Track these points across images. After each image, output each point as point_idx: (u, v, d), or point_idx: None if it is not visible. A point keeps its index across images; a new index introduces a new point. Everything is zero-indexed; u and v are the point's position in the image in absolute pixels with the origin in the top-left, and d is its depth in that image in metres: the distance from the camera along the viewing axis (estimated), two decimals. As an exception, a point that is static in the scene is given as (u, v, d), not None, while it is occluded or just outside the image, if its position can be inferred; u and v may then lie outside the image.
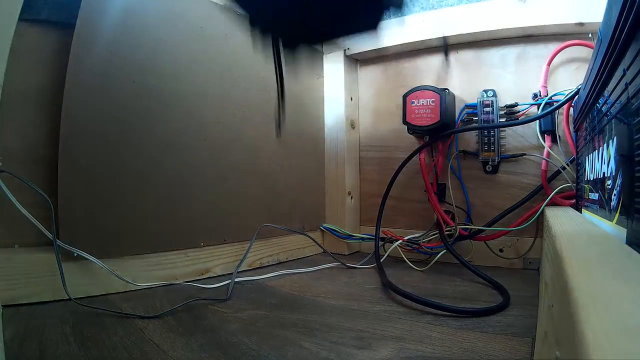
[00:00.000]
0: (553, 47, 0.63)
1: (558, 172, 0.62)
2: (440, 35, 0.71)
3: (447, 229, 0.68)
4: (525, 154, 0.66)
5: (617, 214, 0.27)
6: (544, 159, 0.63)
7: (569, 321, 0.13)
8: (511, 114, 0.66)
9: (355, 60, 0.85)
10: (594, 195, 0.38)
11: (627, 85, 0.23)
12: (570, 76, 0.62)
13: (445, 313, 0.43)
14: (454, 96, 0.71)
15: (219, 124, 0.61)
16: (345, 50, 0.82)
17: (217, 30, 0.61)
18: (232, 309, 0.45)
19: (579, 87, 0.54)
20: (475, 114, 0.69)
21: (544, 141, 0.63)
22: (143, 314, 0.42)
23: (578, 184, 0.54)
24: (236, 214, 0.63)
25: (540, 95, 0.64)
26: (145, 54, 0.53)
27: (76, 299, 0.46)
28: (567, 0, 0.59)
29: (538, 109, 0.64)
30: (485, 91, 0.68)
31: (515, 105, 0.66)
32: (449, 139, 0.71)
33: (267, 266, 0.64)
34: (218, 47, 0.61)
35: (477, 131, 0.69)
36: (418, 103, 0.68)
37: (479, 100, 0.68)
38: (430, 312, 0.44)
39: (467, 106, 0.70)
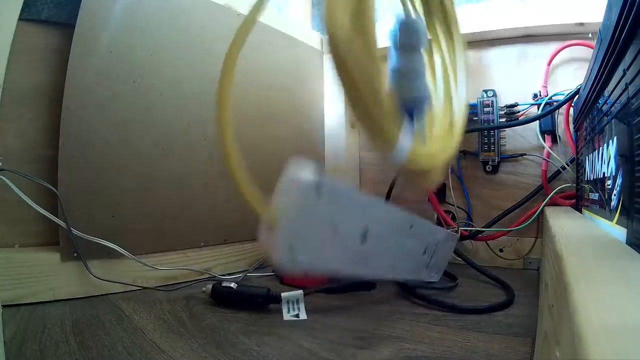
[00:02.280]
0: (553, 47, 0.63)
1: (558, 172, 0.62)
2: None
3: (449, 229, 0.67)
4: (525, 154, 0.66)
5: (617, 214, 0.27)
6: (544, 159, 0.63)
7: (569, 321, 0.13)
8: (511, 114, 0.66)
9: (355, 60, 0.85)
10: (594, 195, 0.38)
11: (627, 85, 0.23)
12: (570, 76, 0.62)
13: (446, 313, 0.43)
14: (454, 96, 0.71)
15: (219, 124, 0.61)
16: (345, 50, 0.81)
17: (218, 31, 0.61)
18: (232, 309, 0.45)
19: (579, 87, 0.54)
20: (476, 114, 0.69)
21: (544, 141, 0.63)
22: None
23: (578, 184, 0.54)
24: (236, 215, 0.63)
25: (540, 95, 0.64)
26: (145, 54, 0.53)
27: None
28: (567, 0, 0.59)
29: (538, 109, 0.64)
30: (485, 91, 0.68)
31: (515, 105, 0.66)
32: (449, 139, 0.71)
33: (266, 266, 0.64)
34: (218, 47, 0.61)
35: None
36: (418, 103, 0.68)
37: (479, 100, 0.68)
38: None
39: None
